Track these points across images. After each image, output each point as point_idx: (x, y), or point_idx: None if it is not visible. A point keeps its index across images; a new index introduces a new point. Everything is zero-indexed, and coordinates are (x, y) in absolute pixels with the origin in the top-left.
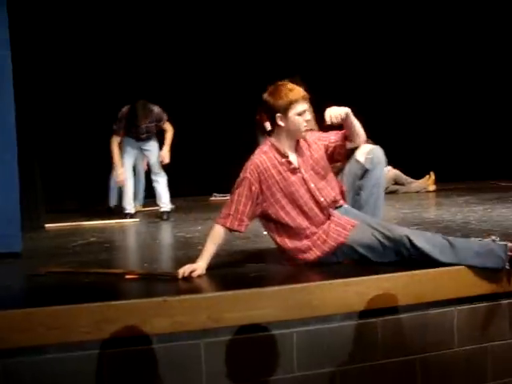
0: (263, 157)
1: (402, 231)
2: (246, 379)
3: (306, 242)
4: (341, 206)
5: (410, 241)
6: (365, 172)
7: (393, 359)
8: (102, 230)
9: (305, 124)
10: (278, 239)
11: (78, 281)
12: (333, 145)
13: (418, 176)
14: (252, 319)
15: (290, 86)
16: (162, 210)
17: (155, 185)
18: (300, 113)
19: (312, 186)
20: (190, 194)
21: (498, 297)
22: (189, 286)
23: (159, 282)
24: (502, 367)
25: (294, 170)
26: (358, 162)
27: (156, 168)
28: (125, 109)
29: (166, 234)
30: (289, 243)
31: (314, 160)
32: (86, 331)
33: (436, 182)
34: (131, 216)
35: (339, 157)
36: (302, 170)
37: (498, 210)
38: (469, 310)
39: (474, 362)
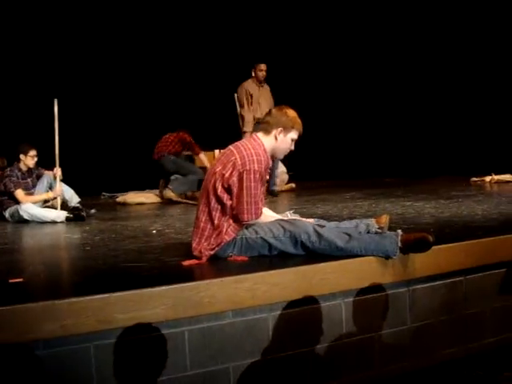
0: (264, 157)
1: (306, 225)
2: (139, 381)
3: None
4: None
5: (315, 232)
6: None
7: (284, 353)
8: None
9: (288, 151)
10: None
11: None
12: None
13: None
14: (143, 319)
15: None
16: None
17: None
18: (293, 139)
19: None
20: (81, 194)
21: (382, 289)
22: (77, 288)
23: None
24: (387, 355)
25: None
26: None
27: None
28: None
29: (54, 235)
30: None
31: None
32: None
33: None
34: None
35: None
36: None
37: (382, 205)
38: (355, 302)
39: (362, 352)
